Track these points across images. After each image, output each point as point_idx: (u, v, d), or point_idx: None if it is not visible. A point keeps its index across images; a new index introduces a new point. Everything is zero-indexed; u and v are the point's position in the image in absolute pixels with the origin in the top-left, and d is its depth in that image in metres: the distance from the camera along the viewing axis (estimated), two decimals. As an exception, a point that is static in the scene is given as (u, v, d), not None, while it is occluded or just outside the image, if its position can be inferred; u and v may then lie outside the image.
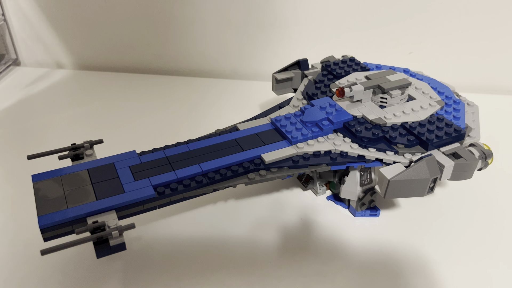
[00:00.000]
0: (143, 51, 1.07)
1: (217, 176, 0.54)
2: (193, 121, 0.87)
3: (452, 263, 0.57)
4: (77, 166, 0.56)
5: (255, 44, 1.02)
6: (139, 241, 0.60)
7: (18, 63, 1.11)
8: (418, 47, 0.98)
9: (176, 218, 0.64)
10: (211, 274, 0.56)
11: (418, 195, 0.55)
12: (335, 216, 0.64)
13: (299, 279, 0.55)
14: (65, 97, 0.96)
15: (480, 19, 0.93)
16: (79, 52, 1.09)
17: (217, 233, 0.61)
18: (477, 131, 0.63)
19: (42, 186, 0.52)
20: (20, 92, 0.98)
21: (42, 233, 0.48)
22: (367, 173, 0.60)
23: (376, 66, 0.75)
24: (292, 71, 0.76)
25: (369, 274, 0.56)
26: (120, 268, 0.57)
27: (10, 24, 1.07)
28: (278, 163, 0.56)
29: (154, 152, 0.59)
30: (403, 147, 0.57)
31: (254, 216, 0.64)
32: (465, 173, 0.57)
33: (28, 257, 0.58)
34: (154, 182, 0.53)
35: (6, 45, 1.08)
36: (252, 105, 0.92)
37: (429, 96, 0.65)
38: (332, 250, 0.59)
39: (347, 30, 0.98)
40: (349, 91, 0.61)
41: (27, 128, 0.85)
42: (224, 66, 1.06)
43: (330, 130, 0.60)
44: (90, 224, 0.47)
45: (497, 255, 0.59)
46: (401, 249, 0.59)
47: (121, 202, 0.50)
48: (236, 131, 0.62)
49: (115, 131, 0.83)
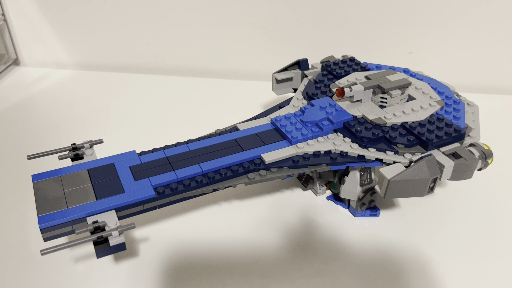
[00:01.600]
0: (143, 51, 1.07)
1: (217, 176, 0.54)
2: (193, 121, 0.87)
3: (452, 263, 0.57)
4: (77, 166, 0.56)
5: (255, 44, 1.02)
6: (139, 241, 0.60)
7: (18, 63, 1.11)
8: (418, 47, 0.98)
9: (176, 218, 0.64)
10: (211, 274, 0.56)
11: (418, 195, 0.55)
12: (335, 216, 0.64)
13: (299, 279, 0.55)
14: (65, 97, 0.96)
15: (480, 19, 0.93)
16: (79, 52, 1.09)
17: (217, 233, 0.61)
18: (477, 131, 0.62)
19: (42, 186, 0.52)
20: (20, 92, 0.98)
21: (42, 233, 0.48)
22: (367, 173, 0.60)
23: (376, 66, 0.75)
24: (292, 71, 0.76)
25: (369, 274, 0.56)
26: (120, 268, 0.57)
27: (10, 24, 1.07)
28: (278, 163, 0.56)
29: (154, 152, 0.59)
30: (403, 147, 0.57)
31: (254, 216, 0.64)
32: (465, 173, 0.57)
33: (28, 257, 0.58)
34: (154, 182, 0.53)
35: (6, 45, 1.08)
36: (252, 105, 0.92)
37: (429, 96, 0.65)
38: (332, 250, 0.59)
39: (347, 30, 0.98)
40: (349, 91, 0.61)
41: (27, 128, 0.85)
42: (224, 66, 1.06)
43: (330, 130, 0.60)
44: (90, 224, 0.47)
45: (497, 255, 0.59)
46: (401, 249, 0.59)
47: (121, 202, 0.50)
48: (236, 131, 0.62)
49: (115, 131, 0.83)
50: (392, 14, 0.95)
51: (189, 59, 1.07)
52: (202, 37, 1.03)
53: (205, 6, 0.99)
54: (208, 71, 1.07)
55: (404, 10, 0.94)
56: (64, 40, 1.08)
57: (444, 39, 0.96)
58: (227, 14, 0.99)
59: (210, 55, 1.05)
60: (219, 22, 1.01)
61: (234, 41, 1.03)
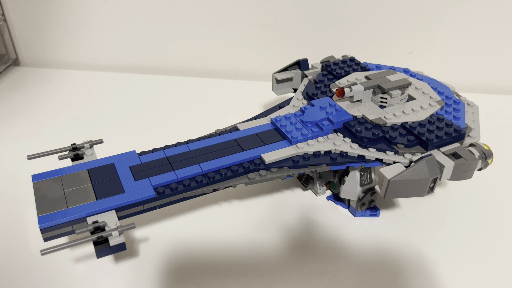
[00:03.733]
0: (143, 51, 1.07)
1: (217, 176, 0.54)
2: (193, 121, 0.87)
3: (452, 263, 0.57)
4: (77, 166, 0.56)
5: (255, 44, 1.02)
6: (139, 241, 0.60)
7: (18, 63, 1.11)
8: (418, 47, 0.98)
9: (176, 218, 0.64)
10: (211, 274, 0.56)
11: (418, 195, 0.55)
12: (335, 216, 0.64)
13: (299, 279, 0.55)
14: (65, 97, 0.96)
15: (480, 19, 0.93)
16: (79, 52, 1.09)
17: (217, 233, 0.61)
18: (477, 131, 0.62)
19: (42, 186, 0.52)
20: (20, 92, 0.98)
21: (42, 233, 0.48)
22: (367, 173, 0.60)
23: (376, 66, 0.75)
24: (292, 71, 0.76)
25: (369, 274, 0.56)
26: (120, 268, 0.57)
27: (10, 24, 1.07)
28: (278, 163, 0.56)
29: (154, 152, 0.59)
30: (403, 147, 0.57)
31: (254, 216, 0.64)
32: (465, 173, 0.57)
33: (28, 257, 0.58)
34: (154, 182, 0.53)
35: (6, 45, 1.08)
36: (252, 105, 0.92)
37: (429, 96, 0.65)
38: (332, 250, 0.59)
39: (347, 30, 0.98)
40: (349, 91, 0.61)
41: (27, 128, 0.85)
42: (224, 66, 1.06)
43: (330, 130, 0.60)
44: (90, 224, 0.47)
45: (497, 255, 0.59)
46: (401, 249, 0.59)
47: (121, 202, 0.50)
48: (236, 131, 0.62)
49: (115, 131, 0.83)
50: (392, 14, 0.95)
51: (189, 59, 1.07)
52: (202, 37, 1.03)
53: (205, 6, 0.99)
54: (208, 71, 1.07)
55: (404, 10, 0.94)
56: (64, 40, 1.08)
57: (444, 39, 0.96)
58: (227, 14, 0.99)
59: (210, 55, 1.05)
60: (219, 22, 1.01)
61: (234, 41, 1.03)
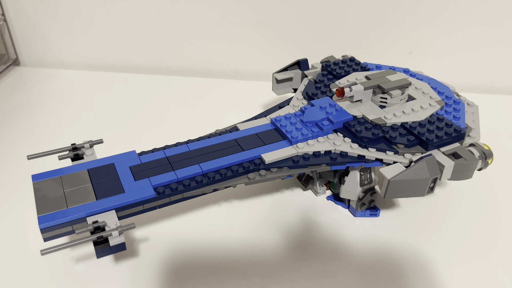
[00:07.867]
0: (143, 51, 1.07)
1: (217, 176, 0.54)
2: (193, 121, 0.87)
3: (452, 263, 0.57)
4: (77, 166, 0.56)
5: (255, 44, 1.02)
6: (139, 241, 0.60)
7: (18, 63, 1.11)
8: (418, 47, 0.98)
9: (176, 218, 0.64)
10: (211, 274, 0.56)
11: (418, 195, 0.55)
12: (335, 216, 0.64)
13: (299, 279, 0.55)
14: (65, 97, 0.96)
15: (480, 19, 0.93)
16: (79, 52, 1.09)
17: (217, 233, 0.61)
18: (477, 131, 0.62)
19: (42, 186, 0.52)
20: (20, 92, 0.98)
21: (42, 233, 0.48)
22: (367, 173, 0.60)
23: (376, 66, 0.75)
24: (292, 71, 0.76)
25: (369, 274, 0.56)
26: (120, 268, 0.57)
27: (10, 24, 1.07)
28: (278, 163, 0.56)
29: (154, 152, 0.59)
30: (403, 147, 0.57)
31: (254, 216, 0.64)
32: (465, 173, 0.57)
33: (28, 257, 0.58)
34: (154, 182, 0.53)
35: (6, 45, 1.08)
36: (252, 105, 0.92)
37: (429, 96, 0.65)
38: (332, 250, 0.59)
39: (347, 30, 0.98)
40: (349, 91, 0.61)
41: (27, 128, 0.85)
42: (224, 66, 1.06)
43: (330, 130, 0.60)
44: (90, 224, 0.47)
45: (497, 254, 0.59)
46: (401, 249, 0.59)
47: (121, 202, 0.50)
48: (236, 131, 0.62)
49: (115, 131, 0.83)
50: (392, 14, 0.95)
51: (189, 59, 1.07)
52: (202, 37, 1.03)
53: (205, 6, 0.99)
54: (208, 71, 1.07)
55: (404, 10, 0.94)
56: (64, 40, 1.08)
57: (444, 39, 0.96)
58: (227, 14, 0.99)
59: (210, 55, 1.05)
60: (219, 22, 1.01)
61: (234, 41, 1.03)
